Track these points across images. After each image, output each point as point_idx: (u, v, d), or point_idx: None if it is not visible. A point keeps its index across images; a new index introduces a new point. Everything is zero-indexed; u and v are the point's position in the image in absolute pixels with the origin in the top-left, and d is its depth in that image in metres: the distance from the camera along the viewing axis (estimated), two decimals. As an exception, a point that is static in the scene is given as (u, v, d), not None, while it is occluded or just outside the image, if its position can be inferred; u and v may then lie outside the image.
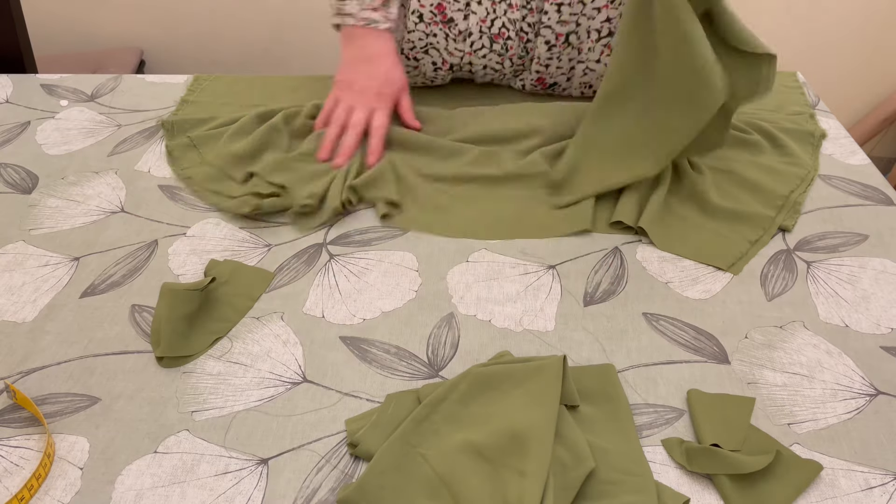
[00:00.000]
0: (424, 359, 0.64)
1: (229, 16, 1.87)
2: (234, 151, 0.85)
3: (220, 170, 0.84)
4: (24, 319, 0.68)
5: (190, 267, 0.74)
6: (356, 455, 0.56)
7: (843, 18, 1.86)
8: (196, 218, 0.80)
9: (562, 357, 0.60)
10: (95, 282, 0.72)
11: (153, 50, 1.93)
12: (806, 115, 0.96)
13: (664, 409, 0.60)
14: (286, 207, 0.79)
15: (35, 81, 1.05)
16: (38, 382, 0.62)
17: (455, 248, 0.76)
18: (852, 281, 0.72)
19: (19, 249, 0.76)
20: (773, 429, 0.58)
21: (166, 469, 0.56)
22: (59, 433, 0.58)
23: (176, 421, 0.59)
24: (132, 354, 0.65)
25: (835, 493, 0.54)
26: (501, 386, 0.59)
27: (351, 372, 0.63)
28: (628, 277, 0.73)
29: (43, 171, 0.87)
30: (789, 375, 0.63)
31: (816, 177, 0.86)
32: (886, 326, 0.67)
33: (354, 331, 0.67)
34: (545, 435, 0.54)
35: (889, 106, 1.99)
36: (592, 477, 0.54)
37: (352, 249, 0.76)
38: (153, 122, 0.95)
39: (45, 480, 0.55)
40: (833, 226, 0.78)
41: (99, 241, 0.77)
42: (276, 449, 0.57)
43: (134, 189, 0.84)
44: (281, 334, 0.67)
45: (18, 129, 0.95)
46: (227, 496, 0.54)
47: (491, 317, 0.68)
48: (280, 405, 0.60)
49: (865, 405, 0.61)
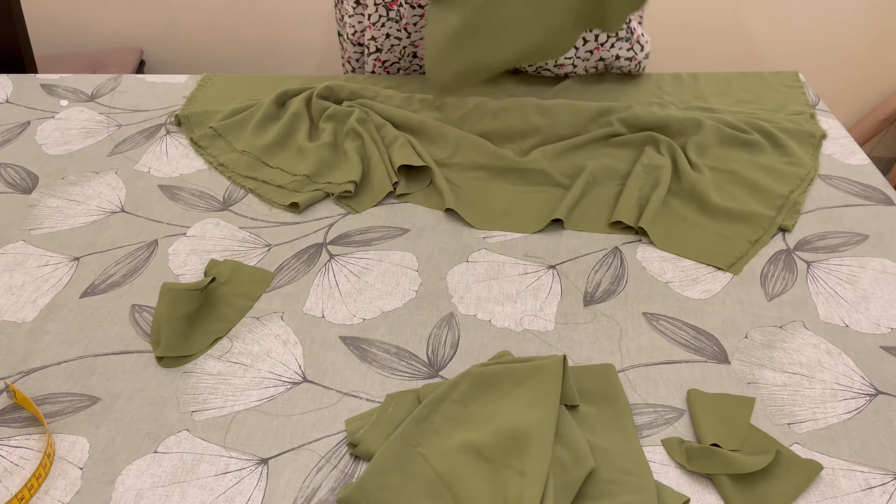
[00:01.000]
0: (424, 359, 0.64)
1: (229, 16, 1.87)
2: (265, 140, 0.89)
3: (256, 158, 0.88)
4: (24, 319, 0.68)
5: (190, 267, 0.74)
6: (356, 455, 0.56)
7: (843, 18, 1.86)
8: (196, 218, 0.80)
9: (562, 357, 0.60)
10: (95, 282, 0.72)
11: (153, 50, 1.93)
12: (806, 116, 0.96)
13: (664, 408, 0.60)
14: (326, 195, 0.83)
15: (35, 81, 1.05)
16: (38, 382, 0.62)
17: (455, 248, 0.76)
18: (852, 281, 0.72)
19: (19, 249, 0.76)
20: (773, 429, 0.59)
21: (166, 469, 0.56)
22: (60, 433, 0.58)
23: (176, 421, 0.59)
24: (132, 354, 0.65)
25: (835, 493, 0.54)
26: (501, 386, 0.59)
27: (351, 372, 0.63)
28: (628, 277, 0.73)
29: (43, 171, 0.87)
30: (789, 375, 0.63)
31: (816, 177, 0.86)
32: (886, 326, 0.67)
33: (354, 331, 0.67)
34: (545, 435, 0.54)
35: (889, 106, 1.98)
36: (592, 477, 0.54)
37: (352, 249, 0.76)
38: (153, 122, 0.96)
39: (46, 480, 0.55)
40: (833, 226, 0.78)
41: (99, 241, 0.77)
42: (276, 449, 0.57)
43: (134, 189, 0.84)
44: (281, 334, 0.67)
45: (18, 129, 0.95)
46: (227, 496, 0.54)
47: (491, 317, 0.68)
48: (280, 405, 0.60)
49: (865, 405, 0.61)
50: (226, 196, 0.83)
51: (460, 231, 0.78)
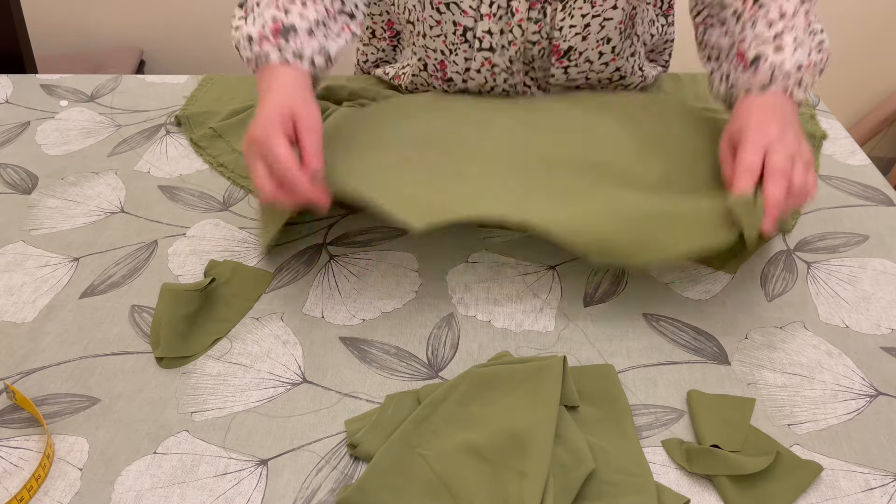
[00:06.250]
0: (424, 359, 0.64)
1: (229, 16, 1.87)
2: None
3: None
4: (24, 320, 0.68)
5: (190, 267, 0.74)
6: (356, 456, 0.56)
7: (843, 18, 1.86)
8: (196, 218, 0.80)
9: (562, 357, 0.60)
10: (95, 282, 0.72)
11: (153, 50, 1.93)
12: (807, 116, 0.96)
13: (664, 409, 0.60)
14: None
15: (35, 81, 1.05)
16: (37, 383, 0.62)
17: (455, 248, 0.76)
18: (852, 281, 0.72)
19: (19, 250, 0.76)
20: (773, 429, 0.58)
21: (166, 470, 0.56)
22: (59, 434, 0.58)
23: (175, 422, 0.59)
24: (132, 355, 0.65)
25: (835, 494, 0.54)
26: (501, 386, 0.59)
27: (351, 372, 0.63)
28: (628, 277, 0.72)
29: (43, 171, 0.87)
30: (789, 376, 0.63)
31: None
32: (886, 327, 0.67)
33: (354, 331, 0.67)
34: (545, 436, 0.54)
35: (889, 106, 1.98)
36: (592, 478, 0.54)
37: (352, 250, 0.76)
38: (153, 122, 0.96)
39: (45, 481, 0.55)
40: (833, 226, 0.78)
41: (99, 242, 0.77)
42: (275, 450, 0.57)
43: (134, 189, 0.84)
44: (281, 335, 0.67)
45: (18, 129, 0.95)
46: (227, 497, 0.54)
47: (491, 317, 0.68)
48: (280, 406, 0.60)
49: (866, 406, 0.60)
50: (226, 196, 0.83)
51: (460, 231, 0.78)
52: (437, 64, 0.91)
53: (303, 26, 0.71)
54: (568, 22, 0.84)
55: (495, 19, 0.84)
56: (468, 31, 0.85)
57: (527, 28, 0.84)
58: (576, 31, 0.84)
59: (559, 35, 0.85)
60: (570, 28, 0.84)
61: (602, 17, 0.84)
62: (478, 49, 0.86)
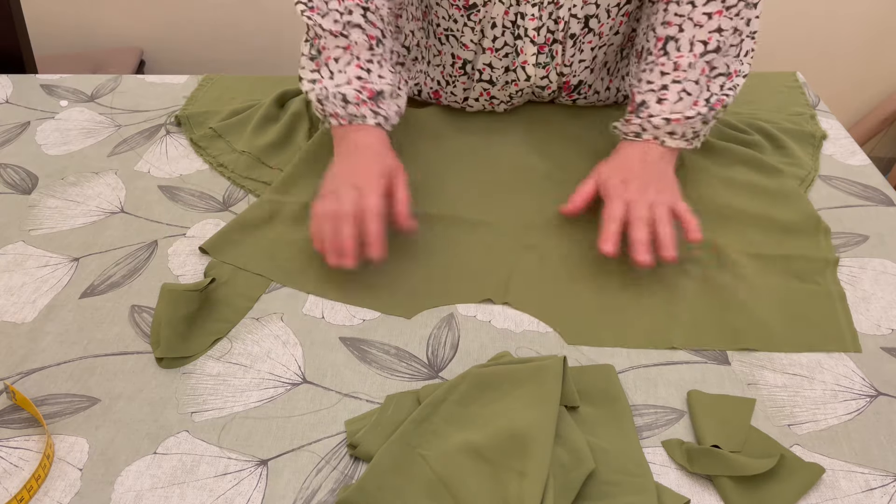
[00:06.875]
0: (424, 360, 0.64)
1: (229, 16, 1.87)
2: (264, 140, 0.89)
3: (255, 158, 0.87)
4: (24, 320, 0.68)
5: (190, 267, 0.74)
6: (356, 456, 0.56)
7: (843, 18, 1.86)
8: (196, 218, 0.80)
9: (562, 358, 0.60)
10: (95, 282, 0.72)
11: (153, 50, 1.92)
12: (806, 116, 0.96)
13: (664, 409, 0.60)
14: None
15: (35, 81, 1.05)
16: (37, 383, 0.62)
17: (455, 248, 0.76)
18: (852, 282, 0.72)
19: (19, 250, 0.76)
20: (773, 430, 0.58)
21: (166, 470, 0.56)
22: (59, 434, 0.58)
23: (175, 422, 0.59)
24: (132, 355, 0.65)
25: (835, 495, 0.54)
26: (501, 387, 0.59)
27: (351, 373, 0.63)
28: (628, 278, 0.72)
29: (43, 171, 0.87)
30: (789, 376, 0.63)
31: (816, 177, 0.86)
32: (887, 327, 0.67)
33: (354, 332, 0.67)
34: (545, 436, 0.54)
35: (889, 106, 1.98)
36: (592, 478, 0.54)
37: (352, 250, 0.76)
38: (153, 122, 0.95)
39: (45, 481, 0.55)
40: (833, 226, 0.78)
41: (99, 242, 0.77)
42: (275, 450, 0.57)
43: (134, 189, 0.84)
44: (281, 335, 0.67)
45: (18, 129, 0.95)
46: (227, 497, 0.54)
47: (491, 317, 0.68)
48: (280, 406, 0.60)
49: (866, 406, 0.60)
50: (226, 196, 0.83)
51: (460, 232, 0.78)
52: (431, 93, 0.92)
53: (387, 90, 0.76)
54: (578, 57, 0.84)
55: (499, 55, 0.84)
56: (467, 63, 0.86)
57: (533, 74, 0.84)
58: (585, 64, 0.86)
59: (570, 71, 0.86)
60: (580, 63, 0.85)
61: (607, 45, 0.85)
62: (477, 80, 0.87)
